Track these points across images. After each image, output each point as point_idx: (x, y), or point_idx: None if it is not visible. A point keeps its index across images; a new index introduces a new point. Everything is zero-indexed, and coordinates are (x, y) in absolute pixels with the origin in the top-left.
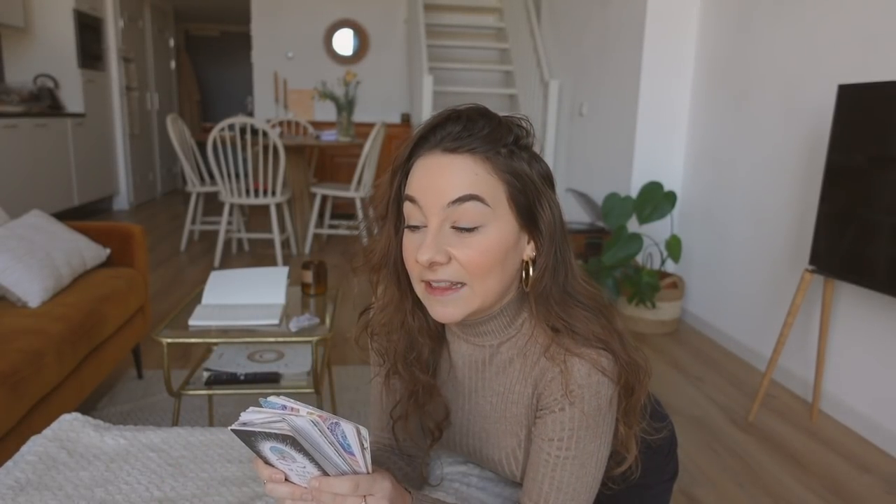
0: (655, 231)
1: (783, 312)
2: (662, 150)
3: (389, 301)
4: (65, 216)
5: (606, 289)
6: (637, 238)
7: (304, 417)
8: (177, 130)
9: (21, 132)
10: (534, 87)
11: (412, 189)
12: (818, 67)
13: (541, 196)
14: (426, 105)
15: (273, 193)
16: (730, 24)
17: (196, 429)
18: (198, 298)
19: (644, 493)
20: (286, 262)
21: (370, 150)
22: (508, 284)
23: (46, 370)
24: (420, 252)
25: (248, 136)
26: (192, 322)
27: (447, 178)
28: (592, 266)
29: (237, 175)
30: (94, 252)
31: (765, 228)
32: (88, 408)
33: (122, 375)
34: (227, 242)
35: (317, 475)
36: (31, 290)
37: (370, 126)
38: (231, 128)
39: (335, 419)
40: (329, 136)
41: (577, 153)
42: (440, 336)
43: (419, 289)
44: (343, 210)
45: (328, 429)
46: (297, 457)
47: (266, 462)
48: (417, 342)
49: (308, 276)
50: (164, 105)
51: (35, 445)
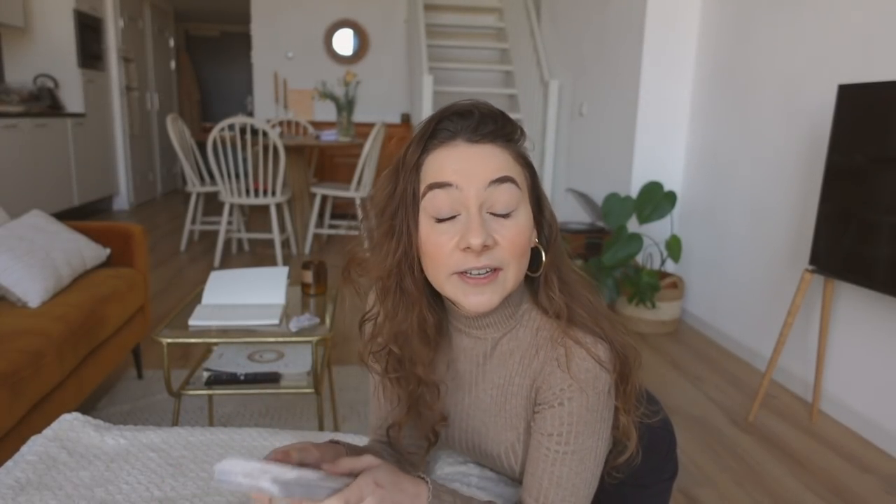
0: (655, 231)
1: (783, 312)
2: (662, 150)
3: (397, 307)
4: (65, 216)
5: (606, 289)
6: (637, 238)
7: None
8: (177, 130)
9: (21, 132)
10: (534, 87)
11: (443, 176)
12: (818, 67)
13: (541, 186)
14: (426, 105)
15: (273, 193)
16: (730, 24)
17: (196, 429)
18: (198, 298)
19: (644, 493)
20: (286, 262)
21: (370, 150)
22: (525, 270)
23: (46, 370)
24: (471, 236)
25: (248, 136)
26: (192, 322)
27: (482, 161)
28: (592, 266)
29: (237, 175)
30: (94, 252)
31: (765, 228)
32: (88, 408)
33: (122, 375)
34: (227, 242)
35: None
36: (31, 290)
37: (370, 126)
38: (231, 128)
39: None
40: (329, 136)
41: (577, 153)
42: (444, 333)
43: (449, 280)
44: (343, 210)
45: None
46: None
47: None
48: (425, 342)
49: (308, 276)
50: (164, 105)
51: (35, 445)
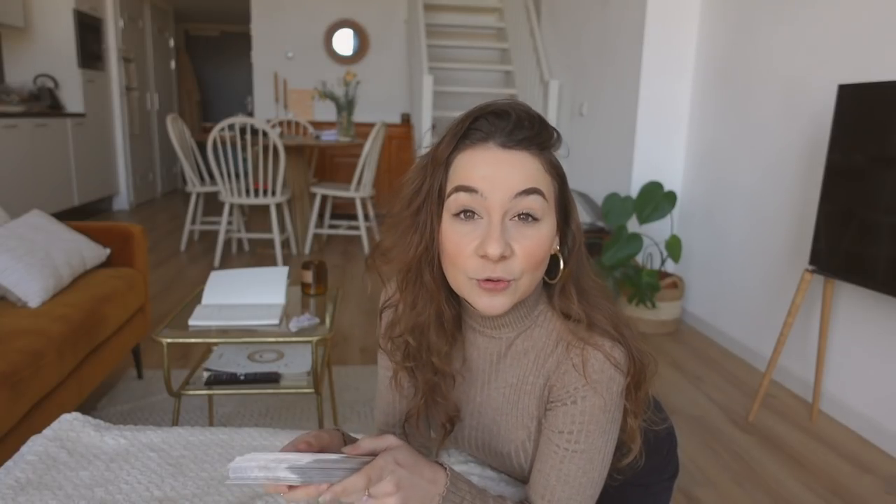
0: (655, 231)
1: (783, 312)
2: (662, 150)
3: (417, 299)
4: (65, 216)
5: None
6: (637, 238)
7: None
8: (177, 130)
9: (21, 132)
10: (534, 87)
11: (470, 180)
12: (818, 67)
13: (570, 195)
14: (426, 105)
15: (273, 193)
16: (730, 24)
17: (196, 429)
18: (198, 298)
19: (644, 493)
20: (286, 262)
21: (370, 150)
22: (541, 277)
23: (46, 370)
24: (489, 246)
25: (248, 136)
26: (192, 322)
27: (511, 170)
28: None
29: (237, 175)
30: (94, 252)
31: (765, 228)
32: (88, 408)
33: (122, 375)
34: (227, 242)
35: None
36: (31, 290)
37: (370, 126)
38: (231, 128)
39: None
40: (329, 136)
41: (577, 153)
42: (461, 328)
43: (465, 282)
44: (343, 210)
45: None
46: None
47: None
48: (442, 335)
49: (308, 276)
50: (164, 105)
51: (35, 445)
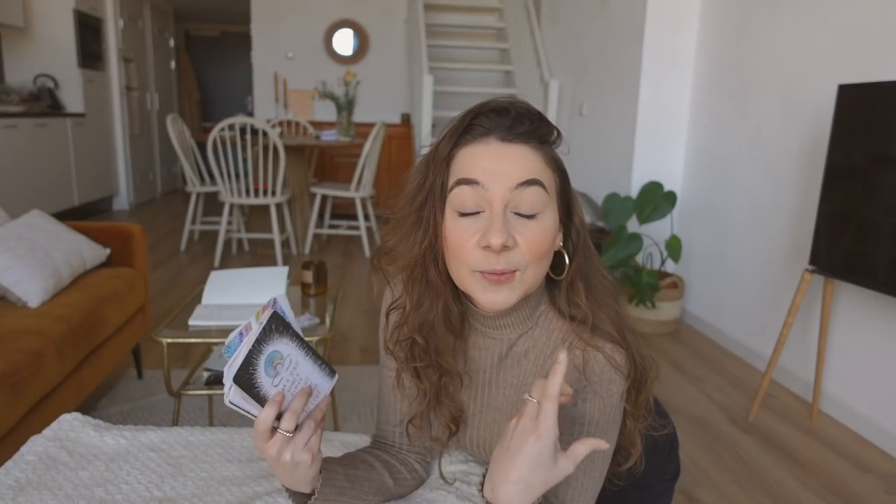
0: (655, 231)
1: (783, 312)
2: (662, 150)
3: (423, 297)
4: (65, 216)
5: None
6: (637, 238)
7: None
8: (177, 130)
9: (21, 132)
10: (534, 87)
11: (472, 172)
12: (818, 67)
13: (573, 190)
14: (426, 105)
15: (273, 193)
16: (730, 24)
17: (196, 429)
18: (198, 298)
19: (646, 494)
20: (286, 262)
21: (370, 150)
22: (545, 273)
23: (46, 370)
24: (491, 235)
25: (248, 136)
26: (192, 322)
27: (512, 162)
28: None
29: (237, 175)
30: (94, 252)
31: (765, 228)
32: (88, 408)
33: (122, 375)
34: (227, 242)
35: (308, 367)
36: (31, 290)
37: (370, 126)
38: (231, 128)
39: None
40: (329, 136)
41: (577, 153)
42: (462, 327)
43: (469, 277)
44: (343, 210)
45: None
46: (288, 351)
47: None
48: (451, 331)
49: (308, 276)
50: (164, 105)
51: (35, 445)
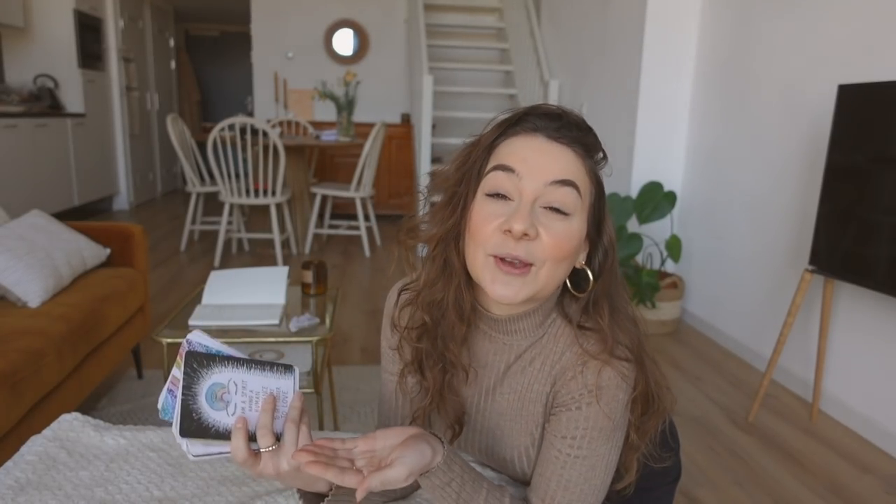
0: (655, 231)
1: (783, 312)
2: (662, 150)
3: (437, 276)
4: (65, 216)
5: None
6: (637, 238)
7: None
8: (177, 130)
9: (21, 132)
10: (534, 87)
11: (510, 160)
12: (818, 67)
13: (607, 210)
14: (426, 105)
15: (273, 193)
16: (730, 24)
17: None
18: (198, 298)
19: (647, 496)
20: (286, 262)
21: (370, 150)
22: (561, 282)
23: (46, 370)
24: (514, 221)
25: (248, 136)
26: (192, 322)
27: (553, 159)
28: None
29: (237, 175)
30: (94, 252)
31: (765, 228)
32: (88, 408)
33: (122, 375)
34: (227, 242)
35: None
36: (31, 290)
37: (370, 126)
38: (231, 128)
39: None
40: (329, 136)
41: None
42: (475, 322)
43: (484, 262)
44: (343, 210)
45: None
46: (228, 376)
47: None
48: (460, 317)
49: (308, 276)
50: (164, 105)
51: (35, 445)
